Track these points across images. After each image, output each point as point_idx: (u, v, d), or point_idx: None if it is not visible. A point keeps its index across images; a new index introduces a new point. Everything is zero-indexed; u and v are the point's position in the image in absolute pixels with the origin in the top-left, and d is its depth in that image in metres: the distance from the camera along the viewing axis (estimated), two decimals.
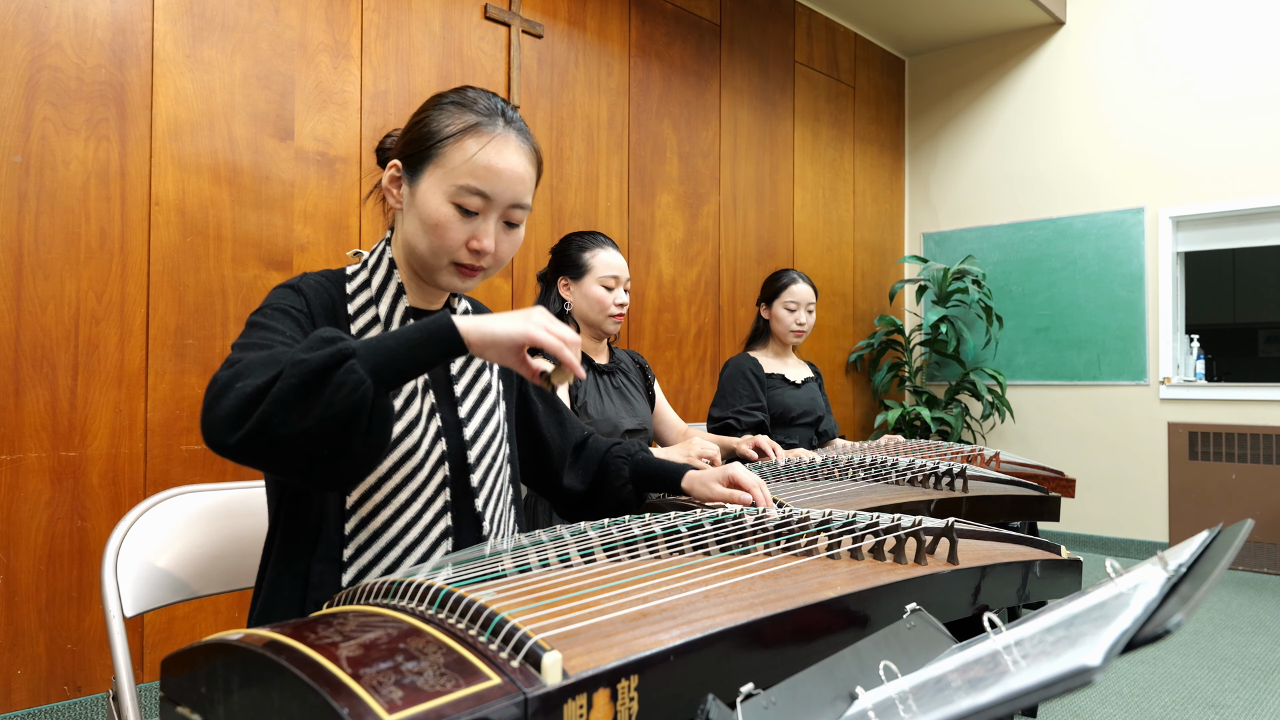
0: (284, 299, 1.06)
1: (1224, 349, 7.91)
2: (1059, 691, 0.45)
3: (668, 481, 1.36)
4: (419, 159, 1.09)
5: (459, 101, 1.10)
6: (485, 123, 1.08)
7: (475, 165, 1.06)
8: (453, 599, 0.71)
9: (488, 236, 1.09)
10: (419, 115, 1.12)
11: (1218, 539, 0.75)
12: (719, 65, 4.48)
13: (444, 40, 3.29)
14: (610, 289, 2.08)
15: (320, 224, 2.91)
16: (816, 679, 0.63)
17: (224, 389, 0.86)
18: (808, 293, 2.78)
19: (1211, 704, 2.67)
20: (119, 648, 1.10)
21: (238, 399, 0.84)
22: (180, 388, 2.59)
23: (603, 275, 2.08)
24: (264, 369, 0.85)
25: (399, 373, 0.88)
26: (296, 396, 0.82)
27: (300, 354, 0.84)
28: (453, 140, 1.07)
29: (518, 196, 1.10)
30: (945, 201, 5.75)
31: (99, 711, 2.42)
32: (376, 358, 0.86)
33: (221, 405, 0.85)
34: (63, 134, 2.39)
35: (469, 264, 1.10)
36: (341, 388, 0.83)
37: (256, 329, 1.01)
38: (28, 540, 2.32)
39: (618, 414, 2.07)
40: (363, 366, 0.85)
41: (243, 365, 0.87)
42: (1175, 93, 4.87)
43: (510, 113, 1.12)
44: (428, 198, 1.08)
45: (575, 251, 2.11)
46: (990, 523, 1.52)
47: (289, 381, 0.82)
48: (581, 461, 1.40)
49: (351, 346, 0.85)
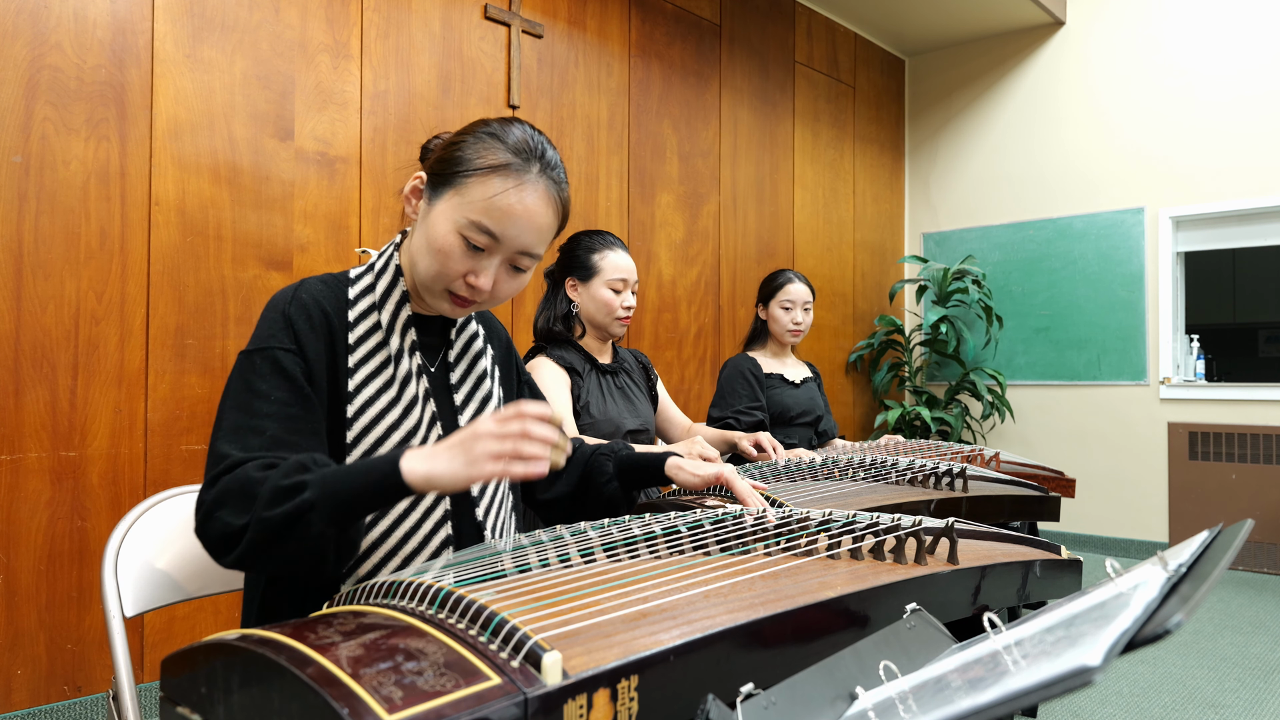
0: (273, 336, 1.04)
1: (1224, 349, 7.90)
2: (1059, 691, 0.45)
3: (651, 470, 1.36)
4: (443, 180, 1.07)
5: (499, 136, 1.07)
6: (516, 164, 1.05)
7: (492, 206, 1.04)
8: (453, 599, 0.71)
9: (485, 275, 1.06)
10: (458, 136, 1.09)
11: (1218, 539, 0.75)
12: (719, 65, 4.48)
13: (444, 40, 3.29)
14: (618, 291, 2.07)
15: (320, 224, 2.91)
16: (816, 679, 0.63)
17: (208, 516, 0.93)
18: (804, 292, 2.79)
19: (1211, 704, 2.67)
20: (119, 648, 1.10)
21: (220, 534, 0.92)
22: (180, 388, 2.59)
23: (611, 278, 2.06)
24: (239, 504, 0.91)
25: (356, 515, 0.91)
26: (263, 549, 0.89)
27: (263, 510, 0.88)
28: (479, 175, 1.04)
29: (529, 245, 1.07)
30: (945, 201, 5.75)
31: (99, 711, 2.42)
32: (333, 504, 0.88)
33: (209, 532, 0.93)
34: (63, 134, 2.39)
35: (464, 296, 1.08)
36: (304, 540, 0.88)
37: (246, 399, 1.00)
38: (28, 540, 2.32)
39: (620, 414, 2.07)
40: (320, 519, 0.88)
41: (223, 490, 0.93)
42: (1175, 93, 4.87)
43: (550, 155, 1.09)
44: (439, 222, 1.06)
45: (584, 252, 2.09)
46: (990, 523, 1.52)
47: (255, 536, 0.89)
48: (567, 469, 1.39)
49: (310, 500, 0.88)
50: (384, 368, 1.09)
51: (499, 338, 1.32)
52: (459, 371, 1.18)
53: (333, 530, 0.89)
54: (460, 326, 1.21)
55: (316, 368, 1.05)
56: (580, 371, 2.05)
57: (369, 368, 1.08)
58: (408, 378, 1.09)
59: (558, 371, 2.01)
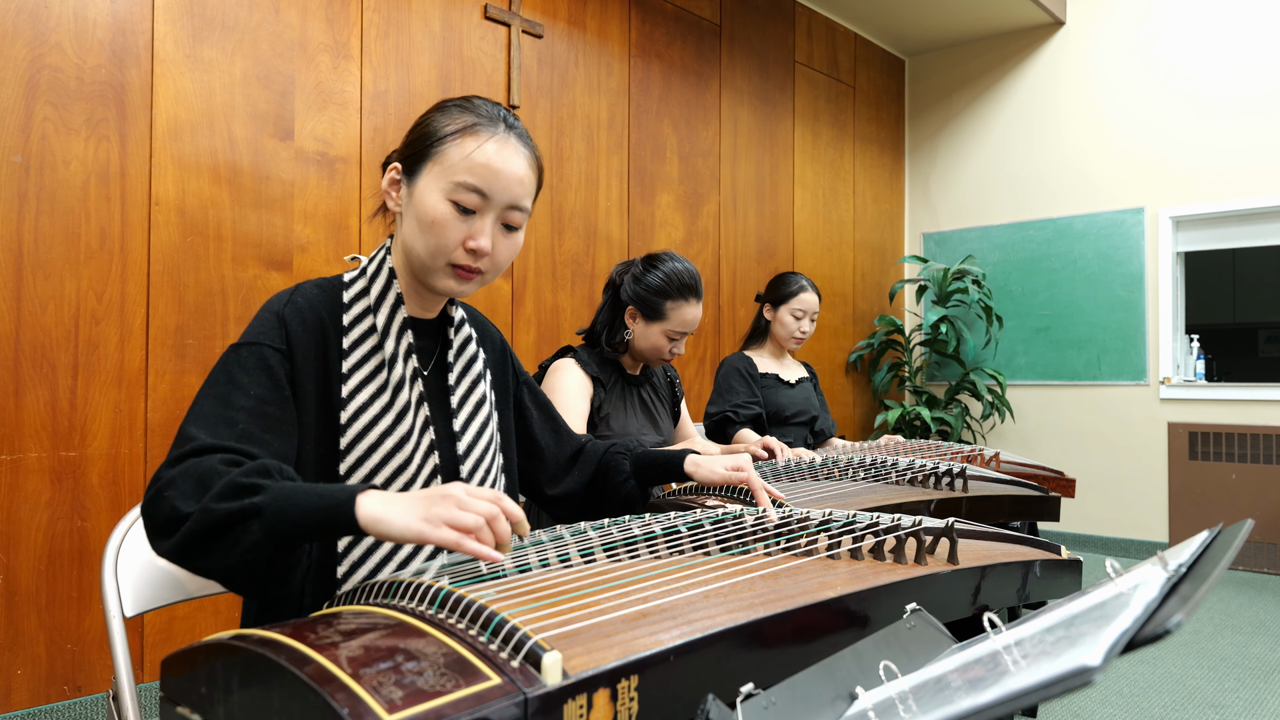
0: (264, 334, 1.04)
1: (1224, 349, 7.90)
2: (1059, 691, 0.45)
3: (670, 468, 1.36)
4: (418, 158, 1.09)
5: (462, 105, 1.10)
6: (485, 124, 1.08)
7: (474, 163, 1.06)
8: (453, 599, 0.71)
9: (484, 236, 1.07)
10: (421, 119, 1.12)
11: (1218, 539, 0.75)
12: (719, 65, 4.48)
13: (444, 40, 3.29)
14: (674, 340, 2.04)
15: (320, 224, 2.91)
16: (816, 679, 0.63)
17: (159, 494, 0.89)
18: (815, 302, 2.78)
19: (1211, 704, 2.67)
20: (119, 648, 1.10)
21: (164, 517, 0.88)
22: (180, 388, 2.59)
23: (673, 329, 2.03)
24: (188, 492, 0.88)
25: (298, 539, 0.86)
26: (199, 542, 0.86)
27: (212, 501, 0.85)
28: (452, 138, 1.07)
29: (516, 198, 1.09)
30: (945, 201, 5.75)
31: (99, 711, 2.42)
32: (279, 522, 0.84)
33: (156, 511, 0.89)
34: (63, 134, 2.39)
35: (466, 265, 1.09)
36: (237, 544, 0.84)
37: (225, 389, 0.99)
38: (28, 540, 2.32)
39: (640, 429, 2.05)
40: (261, 528, 0.84)
41: (181, 472, 0.89)
42: (1175, 92, 4.87)
43: (512, 119, 1.12)
44: (425, 195, 1.07)
45: (659, 299, 2.02)
46: (990, 523, 1.52)
47: (195, 526, 0.85)
48: (580, 465, 1.39)
49: (259, 504, 0.84)
50: (378, 373, 1.08)
51: (492, 340, 1.31)
52: (454, 374, 1.18)
53: (269, 544, 0.84)
54: (455, 327, 1.21)
55: (305, 373, 1.04)
56: (605, 383, 2.04)
57: (363, 373, 1.08)
58: (401, 383, 1.09)
59: (581, 378, 1.99)
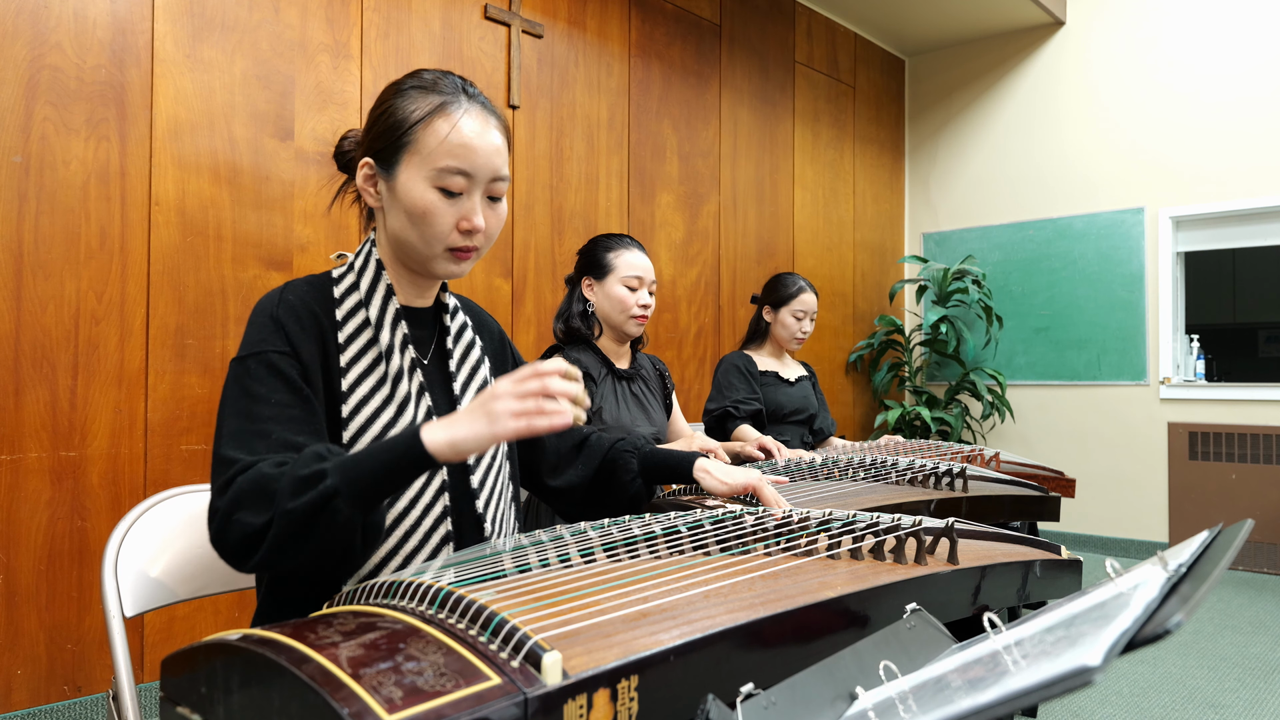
0: (265, 340, 1.04)
1: (1224, 349, 7.90)
2: (1059, 691, 0.45)
3: (679, 470, 1.35)
4: (391, 150, 1.08)
5: (419, 85, 1.08)
6: (450, 101, 1.07)
7: (451, 145, 1.05)
8: (453, 599, 0.71)
9: (476, 215, 1.08)
10: (381, 107, 1.10)
11: (1218, 539, 0.75)
12: (719, 65, 4.48)
13: (444, 40, 3.29)
14: (633, 289, 2.07)
15: (320, 224, 2.91)
16: (816, 679, 0.63)
17: (225, 521, 0.90)
18: (815, 301, 2.83)
19: (1211, 704, 2.67)
20: (119, 648, 1.10)
21: (241, 537, 0.89)
22: (180, 388, 2.59)
23: (626, 275, 2.07)
24: (258, 503, 0.89)
25: (381, 495, 0.89)
26: (291, 543, 0.88)
27: (286, 503, 0.86)
28: (422, 124, 1.06)
29: (496, 169, 1.09)
30: (945, 201, 5.75)
31: (99, 711, 2.42)
32: (357, 488, 0.87)
33: (228, 539, 0.90)
34: (63, 134, 2.39)
35: (463, 246, 1.09)
36: (331, 528, 0.87)
37: (246, 404, 0.99)
38: (28, 540, 2.32)
39: (633, 422, 2.06)
40: (346, 504, 0.86)
41: (238, 492, 0.90)
42: (1175, 93, 4.87)
43: (471, 88, 1.10)
44: (409, 187, 1.06)
45: (600, 252, 2.11)
46: (990, 523, 1.52)
47: (280, 530, 0.87)
48: (582, 457, 1.38)
49: (333, 486, 0.86)
50: (376, 365, 1.08)
51: (490, 330, 1.31)
52: (454, 360, 1.18)
53: (359, 515, 0.88)
54: (451, 314, 1.21)
55: (311, 369, 1.04)
56: (595, 376, 2.04)
57: (361, 366, 1.08)
58: (400, 374, 1.09)
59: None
